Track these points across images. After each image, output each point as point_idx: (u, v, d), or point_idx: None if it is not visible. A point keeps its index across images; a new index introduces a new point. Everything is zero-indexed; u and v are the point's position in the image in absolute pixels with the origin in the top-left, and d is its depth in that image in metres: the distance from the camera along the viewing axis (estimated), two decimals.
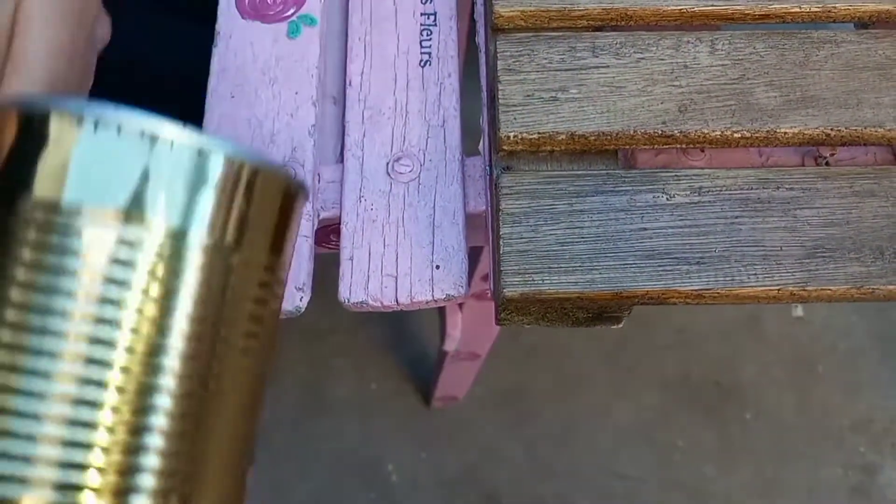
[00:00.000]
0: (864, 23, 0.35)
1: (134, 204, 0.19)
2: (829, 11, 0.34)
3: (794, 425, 1.01)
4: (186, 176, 0.20)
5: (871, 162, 0.33)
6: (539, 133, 0.31)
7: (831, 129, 0.31)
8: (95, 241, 0.19)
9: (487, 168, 0.35)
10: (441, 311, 0.66)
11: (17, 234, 0.19)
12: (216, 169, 0.20)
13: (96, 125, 0.19)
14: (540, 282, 0.28)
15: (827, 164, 0.33)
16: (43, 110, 0.20)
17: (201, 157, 0.20)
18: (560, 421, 0.99)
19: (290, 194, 0.22)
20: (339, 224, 0.35)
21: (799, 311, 1.08)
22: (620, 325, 0.31)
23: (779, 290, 0.28)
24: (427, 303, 0.33)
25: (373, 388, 0.99)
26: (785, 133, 0.31)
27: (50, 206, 0.19)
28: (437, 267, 0.33)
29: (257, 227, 0.21)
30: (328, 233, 0.37)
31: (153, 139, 0.19)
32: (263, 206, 0.21)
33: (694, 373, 1.03)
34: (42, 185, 0.19)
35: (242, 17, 0.38)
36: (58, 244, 0.19)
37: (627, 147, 0.32)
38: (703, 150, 0.33)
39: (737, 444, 0.99)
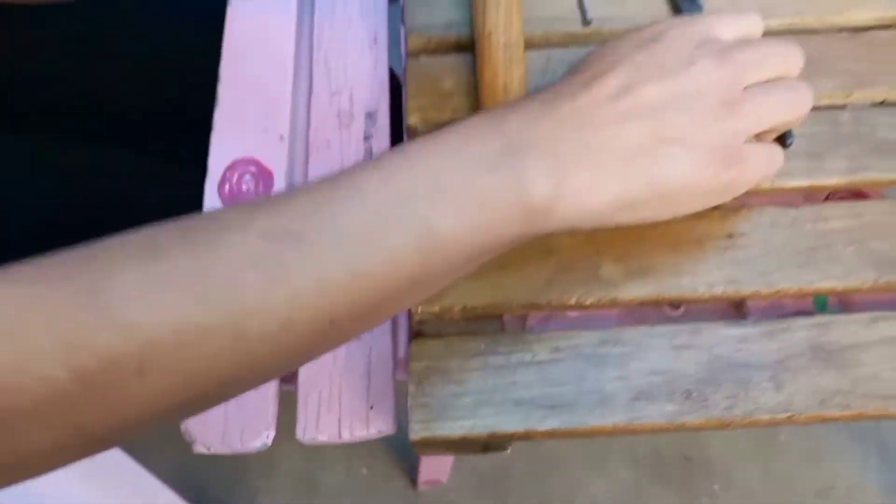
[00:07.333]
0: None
1: None
2: None
3: (761, 494, 1.08)
4: None
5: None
6: (440, 306, 0.41)
7: (658, 295, 0.41)
8: None
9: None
10: None
11: None
12: None
13: None
14: (437, 427, 0.38)
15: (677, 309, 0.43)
16: None
17: None
18: (540, 497, 1.06)
19: None
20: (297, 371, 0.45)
21: None
22: (508, 452, 0.40)
23: (613, 426, 0.37)
24: (365, 437, 0.43)
25: (363, 472, 1.07)
26: (624, 298, 0.41)
27: None
28: (371, 407, 0.43)
29: None
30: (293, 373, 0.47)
31: None
32: None
33: (664, 448, 1.11)
34: None
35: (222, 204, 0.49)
36: None
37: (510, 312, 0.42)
38: None
39: None
